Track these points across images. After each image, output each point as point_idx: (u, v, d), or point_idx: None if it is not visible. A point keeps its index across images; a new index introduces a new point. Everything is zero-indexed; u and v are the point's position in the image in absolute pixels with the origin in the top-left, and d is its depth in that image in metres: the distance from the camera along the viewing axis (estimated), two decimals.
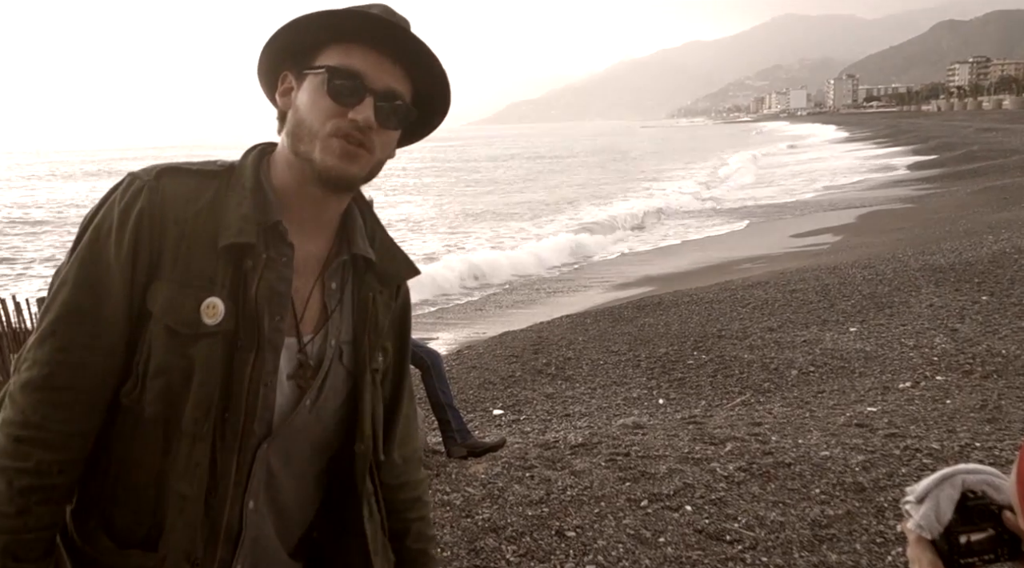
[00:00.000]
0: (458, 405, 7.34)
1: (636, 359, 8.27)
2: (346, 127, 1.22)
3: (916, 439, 4.77)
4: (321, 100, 1.23)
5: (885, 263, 11.26)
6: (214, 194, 1.26)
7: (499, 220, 25.71)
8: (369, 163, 1.27)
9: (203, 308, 1.21)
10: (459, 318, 12.95)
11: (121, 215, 1.22)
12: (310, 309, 1.31)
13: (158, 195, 1.23)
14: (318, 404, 1.31)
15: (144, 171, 1.26)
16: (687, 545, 3.68)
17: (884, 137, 67.52)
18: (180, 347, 1.20)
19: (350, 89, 1.22)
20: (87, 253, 1.23)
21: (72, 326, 1.21)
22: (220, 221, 1.23)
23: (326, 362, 1.31)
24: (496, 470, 4.65)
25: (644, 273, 15.89)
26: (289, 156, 1.28)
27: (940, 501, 1.35)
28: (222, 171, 1.29)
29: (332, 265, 1.33)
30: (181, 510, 1.21)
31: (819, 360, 7.65)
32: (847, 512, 3.88)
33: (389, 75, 1.25)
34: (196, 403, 1.20)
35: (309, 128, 1.24)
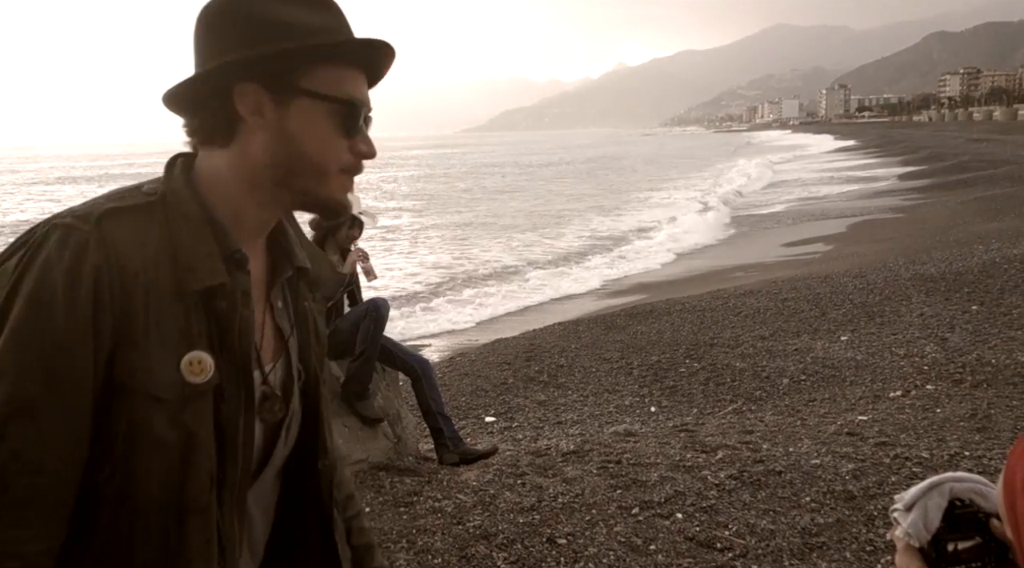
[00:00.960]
0: (450, 412, 7.35)
1: (628, 367, 8.28)
2: (356, 163, 1.16)
3: (906, 448, 4.79)
4: (331, 135, 1.12)
5: (876, 272, 11.31)
6: (159, 231, 1.07)
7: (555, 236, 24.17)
8: None
9: (184, 366, 1.05)
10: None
11: (68, 276, 1.00)
12: (267, 336, 1.20)
13: (111, 247, 1.03)
14: (289, 433, 1.22)
15: (76, 218, 1.04)
16: (678, 553, 3.69)
17: (875, 147, 67.84)
18: (169, 416, 1.04)
19: (355, 121, 1.14)
20: (27, 331, 0.99)
21: (23, 426, 0.98)
22: (179, 262, 1.07)
23: (295, 388, 1.22)
24: (488, 477, 4.65)
25: (638, 280, 15.94)
26: (263, 182, 1.13)
27: (928, 509, 1.36)
28: (156, 201, 1.10)
29: (276, 284, 1.23)
30: None
31: (810, 369, 7.67)
32: (837, 520, 3.90)
33: (366, 92, 1.18)
34: (197, 474, 1.06)
35: (318, 165, 1.12)
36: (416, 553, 3.78)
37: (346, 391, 5.04)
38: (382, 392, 5.29)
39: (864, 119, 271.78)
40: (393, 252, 21.19)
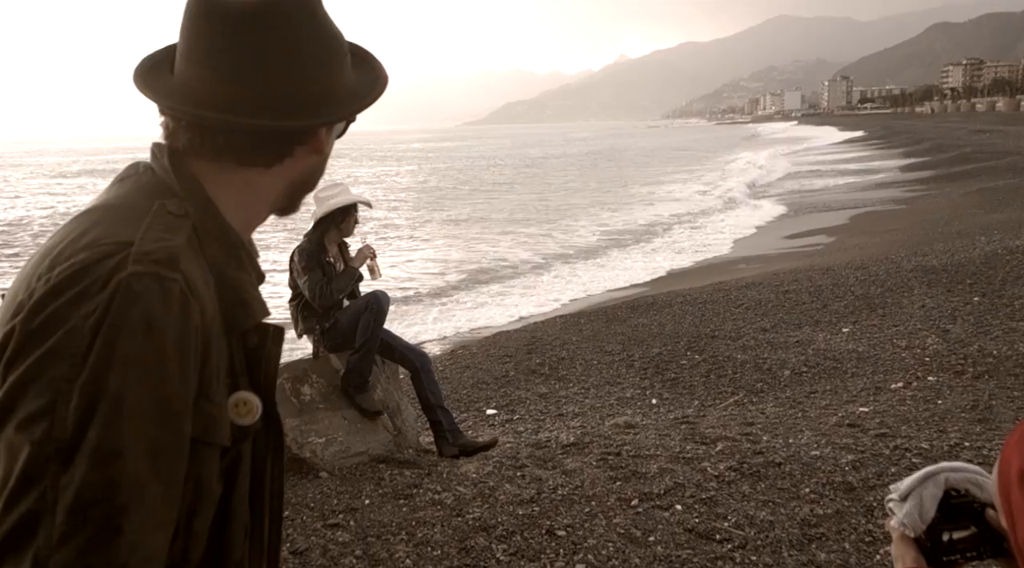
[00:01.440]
0: (452, 405, 7.36)
1: (630, 359, 8.28)
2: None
3: (906, 439, 4.78)
4: (330, 143, 1.13)
5: (878, 264, 11.29)
6: (201, 258, 0.98)
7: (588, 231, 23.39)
8: None
9: (234, 406, 0.97)
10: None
11: (179, 334, 0.88)
12: None
13: (196, 294, 0.92)
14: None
15: (158, 265, 0.89)
16: (677, 544, 3.69)
17: (879, 138, 67.65)
18: (220, 466, 0.97)
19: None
20: (136, 402, 0.84)
21: (140, 513, 0.84)
22: (226, 296, 0.99)
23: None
24: (487, 469, 4.66)
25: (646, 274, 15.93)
26: (284, 198, 1.12)
27: (923, 499, 1.36)
28: (187, 221, 0.98)
29: None
30: None
31: (812, 360, 7.66)
32: (836, 511, 3.90)
33: None
34: (236, 528, 1.00)
35: (323, 172, 1.16)
36: (415, 545, 3.78)
37: (346, 384, 5.04)
38: (382, 385, 5.29)
39: (866, 111, 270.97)
40: (417, 249, 20.90)
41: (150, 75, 1.04)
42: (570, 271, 16.74)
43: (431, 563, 3.63)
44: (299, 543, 3.82)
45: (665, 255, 17.86)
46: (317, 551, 3.75)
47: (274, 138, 1.04)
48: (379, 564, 3.63)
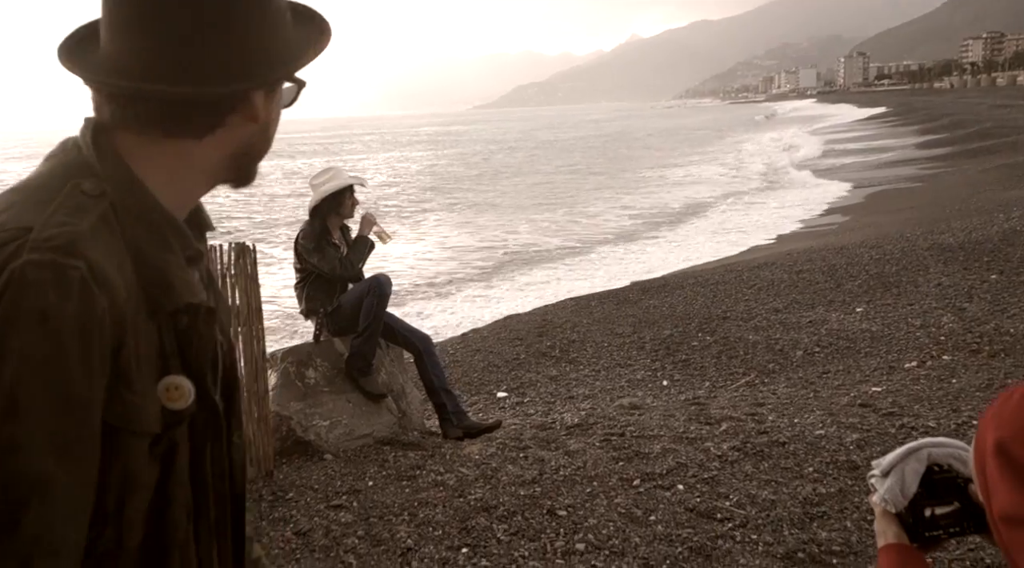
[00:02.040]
0: (463, 388, 7.38)
1: (640, 341, 8.26)
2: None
3: (913, 418, 4.74)
4: (277, 114, 1.07)
5: (893, 243, 11.17)
6: (118, 240, 0.92)
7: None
8: None
9: (161, 392, 0.93)
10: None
11: (79, 324, 0.84)
12: None
13: (104, 281, 0.87)
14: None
15: (55, 251, 0.85)
16: (678, 523, 3.68)
17: (897, 115, 66.83)
18: (151, 452, 0.93)
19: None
20: (33, 396, 0.82)
21: (41, 507, 0.83)
22: (149, 276, 0.94)
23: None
24: (491, 451, 4.66)
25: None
26: (224, 169, 1.04)
27: (905, 475, 1.34)
28: (102, 202, 0.93)
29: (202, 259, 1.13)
30: None
31: (824, 340, 7.61)
32: (839, 490, 3.87)
33: None
34: (175, 510, 0.98)
35: (269, 142, 1.08)
36: (417, 525, 3.79)
37: (350, 367, 5.05)
38: (386, 368, 5.30)
39: (884, 87, 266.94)
40: (451, 233, 20.73)
41: (76, 50, 0.99)
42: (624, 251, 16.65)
43: (432, 543, 3.64)
44: (302, 524, 3.84)
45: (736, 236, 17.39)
46: (320, 531, 3.77)
47: (200, 106, 0.97)
48: (381, 544, 3.65)
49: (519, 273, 15.01)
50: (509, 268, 15.64)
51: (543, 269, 15.33)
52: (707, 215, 21.21)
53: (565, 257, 16.58)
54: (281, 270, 13.95)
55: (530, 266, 15.67)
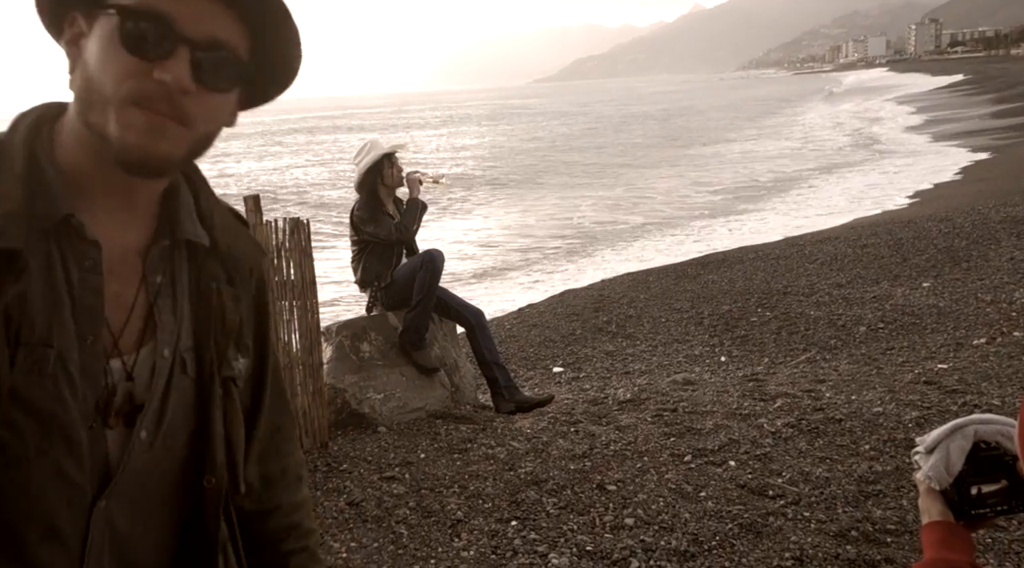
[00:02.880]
0: (519, 362, 7.42)
1: (699, 316, 8.17)
2: (150, 90, 0.89)
3: (976, 395, 4.59)
4: (114, 53, 0.90)
5: (963, 215, 10.81)
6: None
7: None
8: (186, 139, 0.94)
9: None
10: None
11: None
12: (135, 320, 1.00)
13: None
14: (162, 435, 1.01)
15: None
16: (728, 500, 3.64)
17: (970, 84, 64.25)
18: None
19: (154, 38, 0.89)
20: None
21: None
22: None
23: (158, 380, 1.00)
24: (542, 425, 4.67)
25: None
26: (79, 127, 0.95)
27: (950, 451, 1.31)
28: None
29: (150, 255, 1.02)
30: None
31: (889, 316, 7.42)
32: (896, 468, 3.78)
33: (212, 19, 0.92)
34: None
35: (100, 92, 0.91)
36: (467, 497, 3.83)
37: (403, 341, 5.10)
38: (439, 342, 5.34)
39: (957, 55, 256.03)
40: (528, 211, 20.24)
41: None
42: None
43: (481, 515, 3.67)
44: (355, 494, 3.91)
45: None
46: (372, 502, 3.83)
47: (54, 35, 0.98)
48: (431, 516, 3.70)
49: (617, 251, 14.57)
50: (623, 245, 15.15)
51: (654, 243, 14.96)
52: (845, 176, 20.77)
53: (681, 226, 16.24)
54: (333, 248, 14.10)
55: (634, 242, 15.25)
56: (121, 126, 0.90)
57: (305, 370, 4.46)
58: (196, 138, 0.95)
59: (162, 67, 0.89)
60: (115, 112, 0.90)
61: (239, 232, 1.12)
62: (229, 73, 0.95)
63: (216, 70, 0.93)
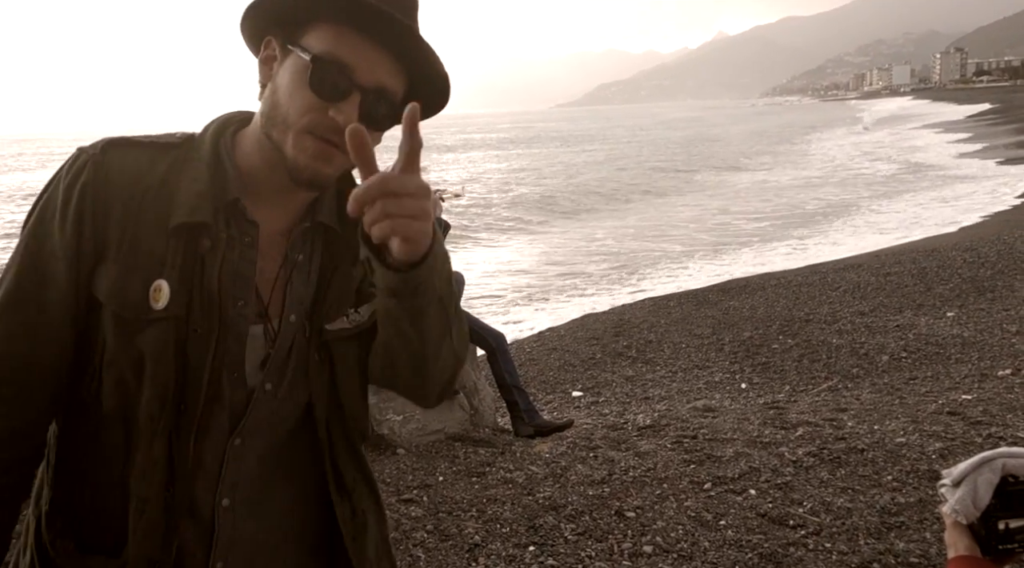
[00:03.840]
0: (538, 386, 7.40)
1: (720, 343, 8.12)
2: (325, 124, 1.09)
3: (1002, 427, 4.53)
4: (301, 89, 1.09)
5: (989, 245, 10.71)
6: (168, 168, 1.15)
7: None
8: (346, 163, 1.14)
9: (151, 292, 1.10)
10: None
11: (65, 192, 1.13)
12: (278, 292, 1.19)
13: (103, 169, 1.13)
14: (284, 387, 1.19)
15: (91, 145, 1.16)
16: (748, 529, 3.61)
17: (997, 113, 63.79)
18: (128, 335, 1.11)
19: (335, 83, 1.08)
20: (32, 236, 1.14)
21: (15, 314, 1.13)
22: (173, 198, 1.13)
23: (284, 340, 1.19)
24: (561, 450, 4.66)
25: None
26: (261, 136, 1.15)
27: (978, 485, 1.29)
28: (180, 143, 1.19)
29: (293, 235, 1.21)
30: (141, 512, 1.12)
31: (912, 345, 7.35)
32: (919, 500, 3.73)
33: (382, 70, 1.11)
34: (150, 397, 1.10)
35: (284, 116, 1.11)
36: (485, 521, 3.82)
37: None
38: None
39: (983, 84, 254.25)
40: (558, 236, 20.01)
41: None
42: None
43: (499, 540, 3.66)
44: None
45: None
46: (390, 524, 3.82)
47: (253, 48, 1.22)
48: (449, 539, 3.69)
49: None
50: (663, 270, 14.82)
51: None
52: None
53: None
54: None
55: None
56: (296, 148, 1.10)
57: None
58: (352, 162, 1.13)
59: (337, 109, 1.08)
60: (293, 136, 1.11)
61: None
62: (388, 115, 1.14)
63: (378, 112, 1.12)
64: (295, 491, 1.24)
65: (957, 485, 1.32)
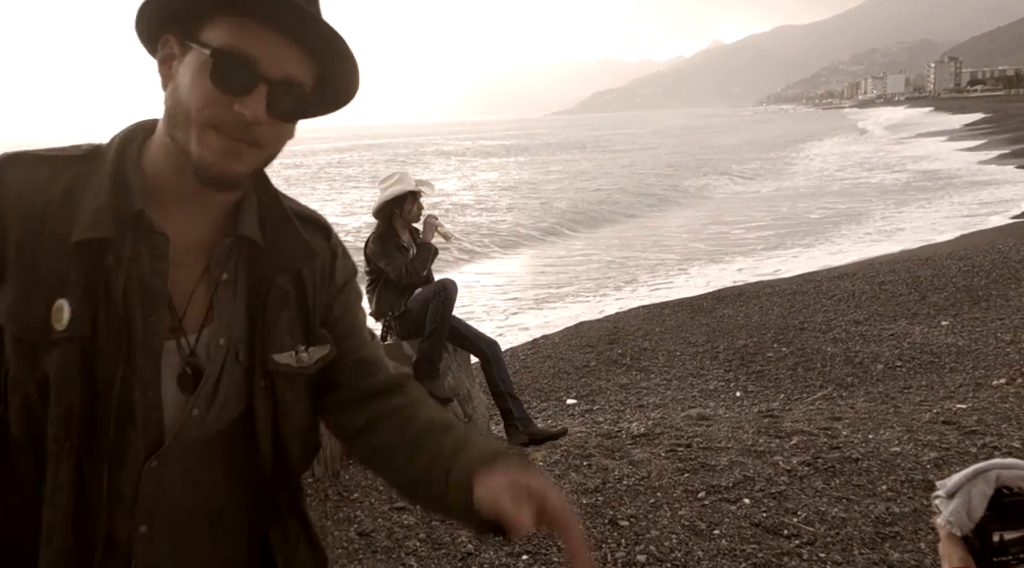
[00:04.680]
0: (532, 394, 7.38)
1: (714, 351, 8.12)
2: (229, 119, 1.04)
3: (996, 437, 4.53)
4: (203, 85, 1.04)
5: (983, 254, 10.74)
6: (71, 182, 1.10)
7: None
8: (258, 159, 1.10)
9: (53, 312, 1.05)
10: None
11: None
12: (195, 305, 1.13)
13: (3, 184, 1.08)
14: (212, 414, 1.13)
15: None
16: (742, 538, 3.59)
17: (990, 123, 64.03)
18: (31, 357, 1.06)
19: (239, 77, 1.03)
20: None
21: None
22: (74, 213, 1.07)
23: (214, 364, 1.13)
24: (555, 458, 4.64)
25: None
26: (166, 139, 1.10)
27: (972, 497, 1.28)
28: (84, 155, 1.13)
29: (216, 251, 1.14)
30: (49, 540, 1.07)
31: (907, 354, 7.35)
32: (914, 510, 3.72)
33: (289, 61, 1.06)
34: (55, 418, 1.05)
35: (186, 113, 1.05)
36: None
37: (416, 370, 5.10)
38: (453, 372, 5.33)
39: (976, 93, 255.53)
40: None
41: None
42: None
43: (492, 548, 3.63)
44: (366, 524, 3.89)
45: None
46: (383, 533, 3.81)
47: (151, 50, 1.14)
48: (441, 547, 3.67)
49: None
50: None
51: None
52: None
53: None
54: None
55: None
56: (201, 145, 1.05)
57: None
58: (267, 156, 1.11)
59: (242, 103, 1.03)
60: (196, 133, 1.05)
61: (289, 232, 1.20)
62: (297, 106, 1.09)
63: (287, 104, 1.07)
64: (222, 518, 1.19)
65: (951, 496, 1.31)
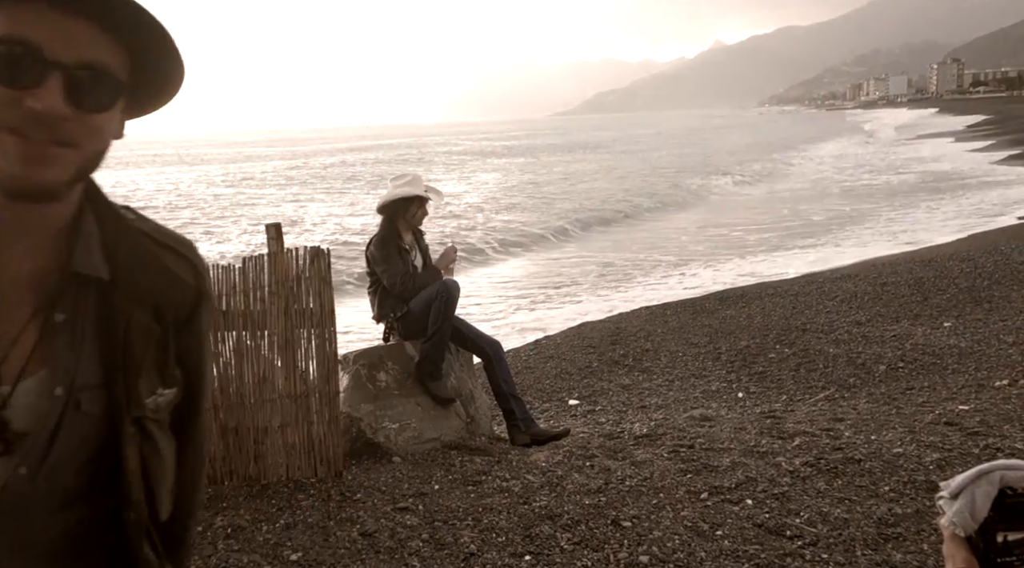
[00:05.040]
0: (534, 394, 7.39)
1: (716, 352, 8.12)
2: (25, 119, 0.88)
3: (999, 438, 4.52)
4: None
5: (986, 255, 10.73)
6: None
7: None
8: (74, 161, 0.93)
9: None
10: None
11: None
12: (20, 348, 0.97)
13: None
14: (46, 470, 0.99)
15: None
16: (745, 539, 3.59)
17: (992, 124, 63.90)
18: None
19: (23, 66, 0.88)
20: None
21: None
22: None
23: (49, 417, 0.98)
24: (557, 458, 4.64)
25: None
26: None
27: (976, 497, 1.28)
28: None
29: (42, 288, 0.99)
30: None
31: (909, 355, 7.35)
32: (916, 511, 3.72)
33: (84, 44, 0.91)
34: None
35: None
36: (481, 531, 3.80)
37: (419, 371, 5.10)
38: (455, 373, 5.34)
39: (979, 95, 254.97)
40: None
41: None
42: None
43: (495, 549, 3.64)
44: (369, 525, 3.89)
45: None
46: (385, 533, 3.81)
47: None
48: (444, 548, 3.67)
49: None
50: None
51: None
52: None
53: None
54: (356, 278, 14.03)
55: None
56: (0, 154, 0.89)
57: (321, 398, 4.47)
58: (85, 158, 0.94)
59: (34, 96, 0.88)
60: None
61: (149, 263, 1.07)
62: (106, 93, 0.94)
63: (92, 92, 0.92)
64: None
65: (955, 497, 1.31)
